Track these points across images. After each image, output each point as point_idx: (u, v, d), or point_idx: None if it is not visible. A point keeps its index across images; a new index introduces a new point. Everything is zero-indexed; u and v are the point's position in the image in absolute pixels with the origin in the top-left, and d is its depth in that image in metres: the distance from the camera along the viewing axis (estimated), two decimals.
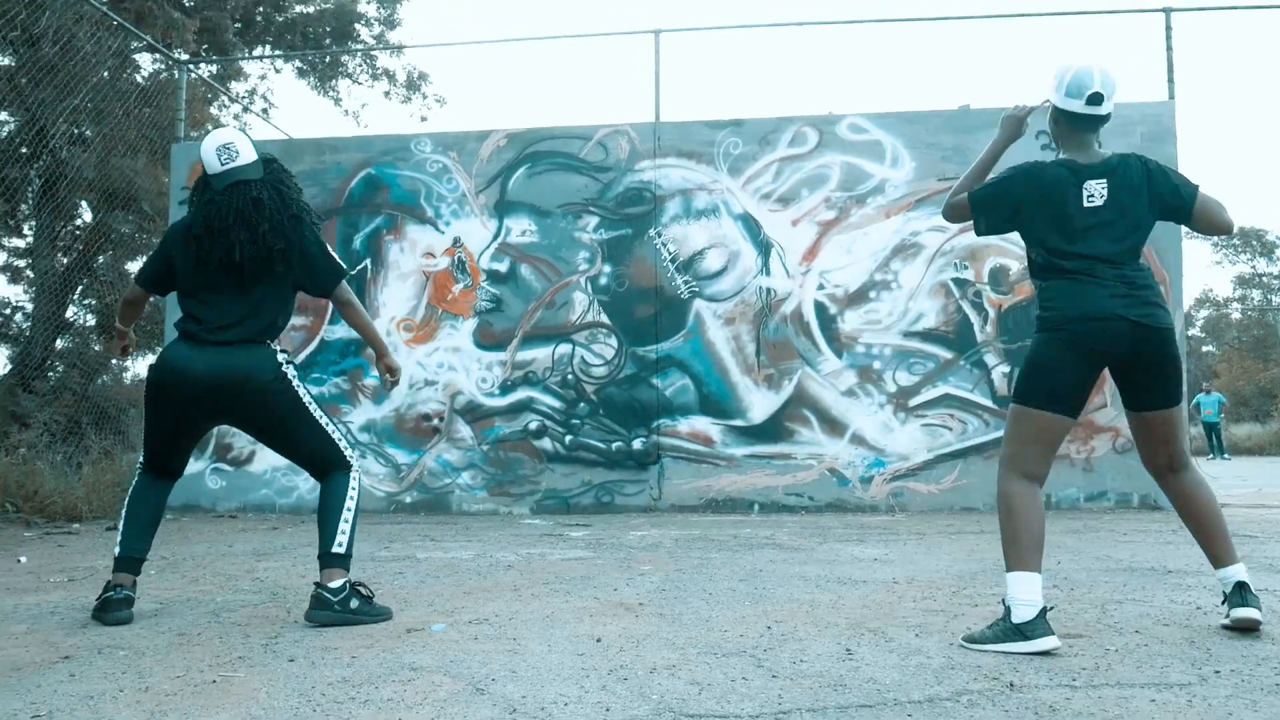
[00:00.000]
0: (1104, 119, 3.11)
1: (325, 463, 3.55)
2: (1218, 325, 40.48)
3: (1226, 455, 21.20)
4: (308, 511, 7.81)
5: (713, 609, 3.59)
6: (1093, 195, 3.01)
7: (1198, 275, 51.69)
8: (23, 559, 5.28)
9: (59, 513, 7.23)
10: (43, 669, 2.78)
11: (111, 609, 3.41)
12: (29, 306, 11.90)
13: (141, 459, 3.66)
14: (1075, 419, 3.08)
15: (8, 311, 12.14)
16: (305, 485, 8.04)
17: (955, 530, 6.33)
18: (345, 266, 3.68)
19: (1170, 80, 7.86)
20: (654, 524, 6.90)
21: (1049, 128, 3.23)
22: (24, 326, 11.71)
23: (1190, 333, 40.70)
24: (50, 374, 10.84)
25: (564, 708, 2.32)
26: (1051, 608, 2.93)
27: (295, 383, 3.51)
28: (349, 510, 3.46)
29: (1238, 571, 3.00)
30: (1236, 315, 39.97)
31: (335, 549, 3.38)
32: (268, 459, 8.16)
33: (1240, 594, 2.97)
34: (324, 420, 3.56)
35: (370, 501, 8.01)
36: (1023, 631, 2.76)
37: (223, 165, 3.48)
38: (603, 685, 2.52)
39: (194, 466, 8.21)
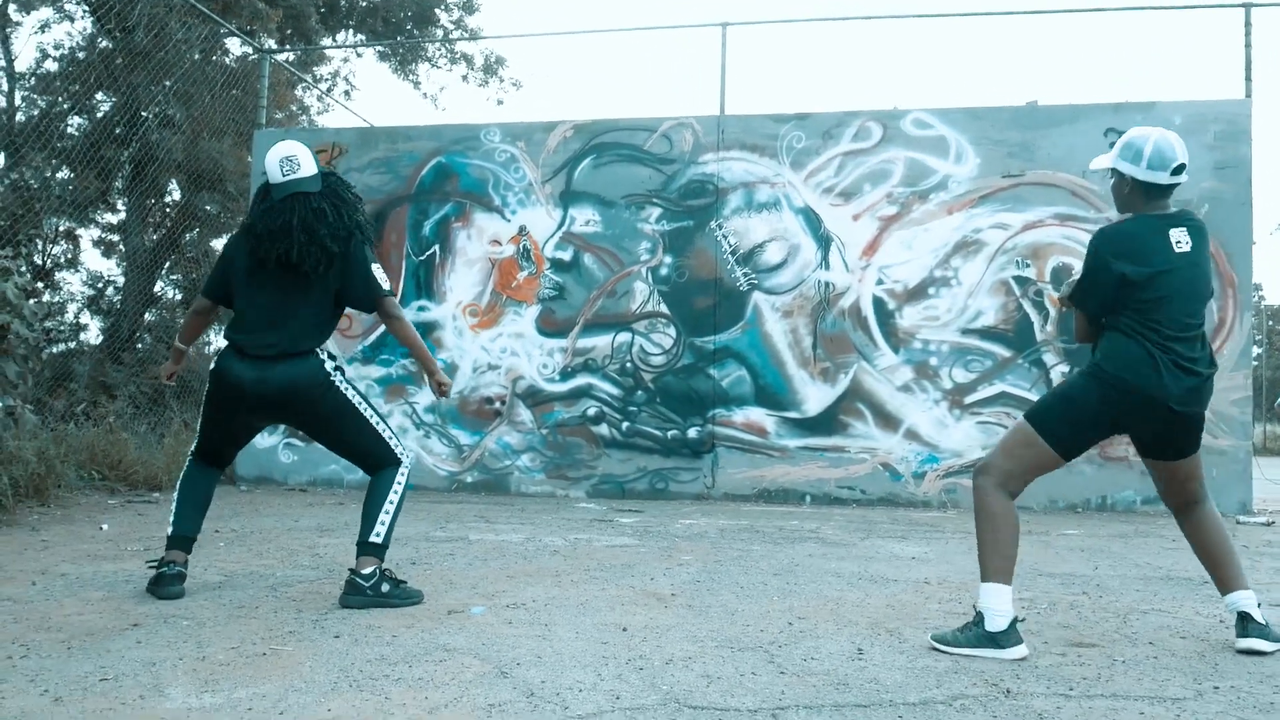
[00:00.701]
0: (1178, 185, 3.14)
1: (375, 460, 3.76)
2: None
3: None
4: None
5: (740, 602, 3.74)
6: (1180, 241, 3.03)
7: None
8: (105, 527, 5.64)
9: (140, 482, 7.64)
10: (113, 635, 3.04)
11: (165, 584, 3.64)
12: (120, 280, 12.47)
13: (193, 447, 3.88)
14: (1068, 462, 3.16)
15: (100, 285, 12.73)
16: None
17: None
18: (389, 287, 3.75)
19: (1248, 78, 7.69)
20: (704, 513, 7.05)
21: (1116, 196, 3.19)
22: (115, 300, 12.27)
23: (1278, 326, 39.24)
24: (138, 346, 11.38)
25: (577, 694, 2.49)
26: (1022, 619, 3.05)
27: (343, 387, 3.67)
28: (391, 504, 3.65)
29: (1241, 599, 3.05)
30: None
31: (373, 539, 3.57)
32: None
33: (1243, 625, 3.03)
34: (374, 419, 3.72)
35: (433, 480, 8.31)
36: (997, 640, 2.89)
37: (284, 176, 3.67)
38: (618, 674, 2.68)
39: (268, 441, 8.60)
